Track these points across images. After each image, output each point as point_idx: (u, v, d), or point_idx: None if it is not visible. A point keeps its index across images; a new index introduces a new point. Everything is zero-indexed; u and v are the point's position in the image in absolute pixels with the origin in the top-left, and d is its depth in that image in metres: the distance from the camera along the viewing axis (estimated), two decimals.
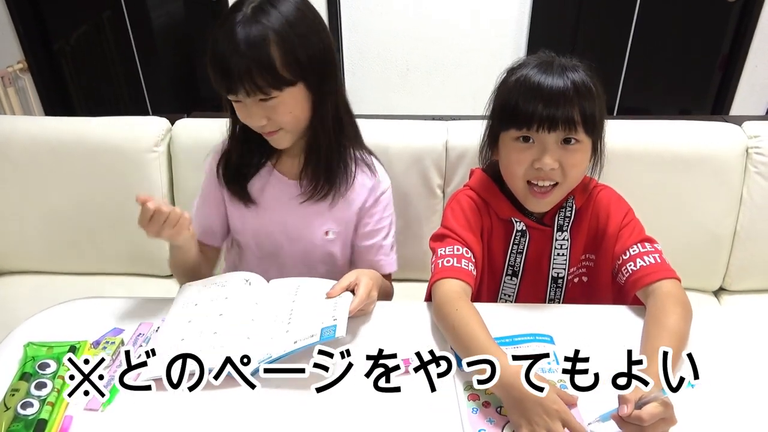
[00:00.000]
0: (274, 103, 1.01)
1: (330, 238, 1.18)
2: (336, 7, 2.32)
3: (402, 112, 2.53)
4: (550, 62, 0.99)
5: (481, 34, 2.36)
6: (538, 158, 0.98)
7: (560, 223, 1.09)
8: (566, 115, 0.95)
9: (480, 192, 1.12)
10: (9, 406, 0.82)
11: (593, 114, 0.98)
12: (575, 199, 1.09)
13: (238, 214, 1.19)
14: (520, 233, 1.09)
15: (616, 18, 2.39)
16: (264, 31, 0.96)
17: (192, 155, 1.46)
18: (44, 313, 1.04)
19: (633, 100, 2.56)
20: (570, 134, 0.97)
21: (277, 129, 1.06)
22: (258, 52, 0.96)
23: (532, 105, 0.96)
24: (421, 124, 1.51)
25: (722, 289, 1.58)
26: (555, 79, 0.96)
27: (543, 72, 0.97)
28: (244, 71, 0.96)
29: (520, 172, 1.01)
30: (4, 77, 2.48)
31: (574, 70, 0.98)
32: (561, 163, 0.99)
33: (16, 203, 1.57)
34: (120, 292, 1.56)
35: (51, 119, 1.58)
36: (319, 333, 0.89)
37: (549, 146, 0.98)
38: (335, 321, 0.91)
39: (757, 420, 0.82)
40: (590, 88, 0.98)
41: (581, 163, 1.01)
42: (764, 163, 1.42)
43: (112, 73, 2.74)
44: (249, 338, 0.93)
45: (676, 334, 0.90)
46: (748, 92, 2.42)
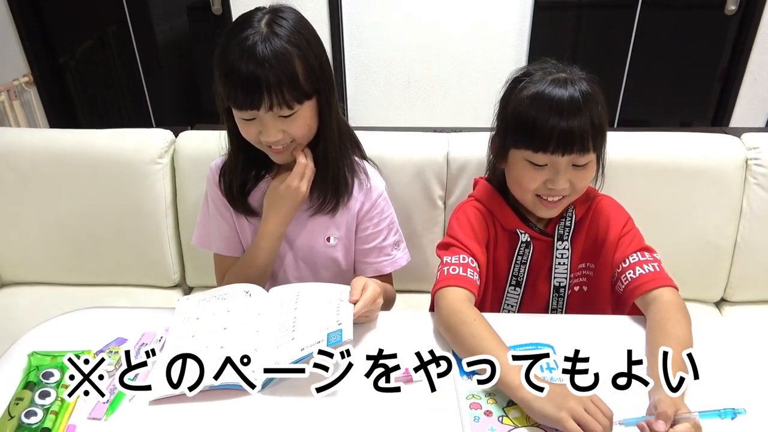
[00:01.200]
0: (293, 117, 1.02)
1: (332, 244, 1.19)
2: (338, 20, 2.34)
3: (403, 124, 2.55)
4: (560, 79, 0.99)
5: (482, 47, 2.38)
6: (551, 179, 1.00)
7: (560, 233, 1.10)
8: (581, 127, 0.96)
9: (485, 203, 1.13)
10: (13, 415, 0.82)
11: (601, 122, 0.99)
12: (575, 210, 1.10)
13: (243, 227, 1.20)
14: (525, 244, 1.10)
15: (616, 31, 2.41)
16: (286, 45, 0.97)
17: (196, 167, 1.48)
18: (48, 323, 1.05)
19: (633, 113, 2.58)
20: (581, 156, 0.99)
21: (289, 144, 1.06)
22: (285, 66, 0.97)
23: (550, 121, 0.96)
24: (423, 136, 1.52)
25: (724, 300, 1.58)
26: (567, 92, 0.97)
27: (557, 86, 0.97)
28: (274, 85, 0.96)
29: (532, 188, 1.03)
30: (10, 90, 2.50)
31: (580, 81, 0.99)
32: (571, 182, 1.01)
33: (21, 214, 1.58)
34: (123, 303, 1.57)
35: (55, 131, 1.59)
36: (326, 338, 0.89)
37: (561, 169, 0.99)
38: (340, 325, 0.91)
39: (760, 430, 0.82)
40: (596, 97, 0.99)
41: (589, 178, 1.04)
42: (764, 175, 1.43)
43: (116, 86, 2.76)
44: (257, 350, 0.93)
45: (684, 343, 0.90)
46: (748, 104, 2.43)
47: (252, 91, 0.97)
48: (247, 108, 1.00)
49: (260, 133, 1.03)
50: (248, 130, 1.04)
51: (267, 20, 0.99)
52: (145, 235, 1.57)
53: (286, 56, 0.97)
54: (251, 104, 0.99)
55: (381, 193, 1.20)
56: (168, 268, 1.61)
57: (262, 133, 1.03)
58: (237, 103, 1.00)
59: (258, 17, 1.00)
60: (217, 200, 1.20)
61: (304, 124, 1.04)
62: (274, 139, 1.03)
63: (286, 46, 0.97)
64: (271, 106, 0.99)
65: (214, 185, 1.19)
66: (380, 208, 1.20)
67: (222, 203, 1.19)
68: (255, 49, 0.96)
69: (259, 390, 0.88)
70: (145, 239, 1.57)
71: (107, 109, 2.84)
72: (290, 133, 1.04)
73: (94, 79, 2.75)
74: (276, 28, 0.98)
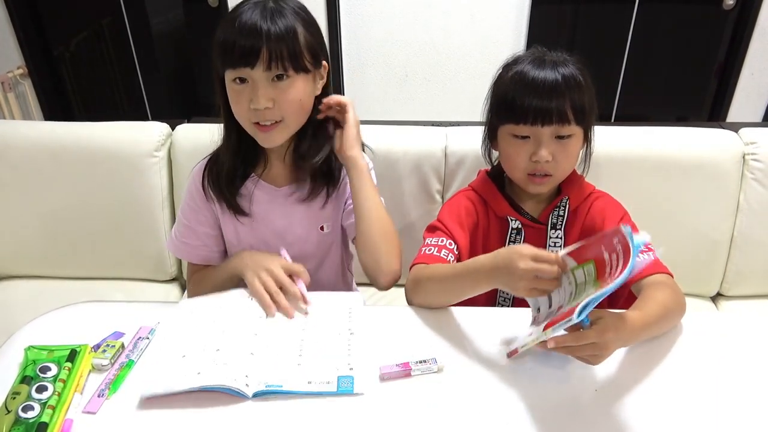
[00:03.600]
0: (285, 85, 1.01)
1: (326, 232, 1.20)
2: (335, 14, 2.34)
3: (401, 118, 2.54)
4: (542, 58, 1.05)
5: (480, 41, 2.38)
6: (535, 151, 1.04)
7: (554, 222, 1.13)
8: (559, 107, 1.02)
9: (480, 192, 1.18)
10: (10, 409, 0.82)
11: (583, 105, 1.04)
12: (570, 200, 1.13)
13: (231, 228, 1.18)
14: (516, 231, 1.14)
15: (613, 25, 2.41)
16: (292, 11, 1.00)
17: (192, 160, 1.44)
18: (45, 317, 1.04)
19: (630, 108, 2.58)
20: (563, 127, 1.03)
21: (278, 120, 1.04)
22: (288, 26, 0.98)
23: (527, 99, 1.02)
24: (421, 130, 1.51)
25: (720, 295, 1.59)
26: (547, 74, 1.02)
27: (537, 67, 1.04)
28: (274, 40, 0.97)
29: (520, 164, 1.08)
30: (4, 82, 2.48)
31: (565, 64, 1.04)
32: (555, 155, 1.05)
33: (16, 208, 1.57)
34: (120, 297, 1.56)
35: (51, 124, 1.58)
36: (336, 383, 0.87)
37: (544, 140, 1.04)
38: (351, 371, 0.89)
39: (755, 424, 0.82)
40: (579, 80, 1.04)
41: (573, 153, 1.09)
42: (761, 170, 1.43)
43: (111, 78, 2.75)
44: (252, 354, 0.91)
45: (662, 304, 0.94)
46: (745, 99, 2.44)
47: (249, 44, 0.96)
48: (242, 64, 0.98)
49: (251, 102, 1.01)
50: (239, 98, 1.02)
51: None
52: (141, 228, 1.56)
53: (291, 17, 1.00)
54: (248, 57, 0.97)
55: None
56: (164, 261, 1.61)
57: (252, 100, 1.01)
58: (232, 59, 0.99)
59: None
60: (199, 200, 1.17)
61: (296, 97, 1.03)
62: (264, 106, 1.01)
63: (293, 11, 1.00)
64: (269, 64, 0.98)
65: (197, 184, 1.16)
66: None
67: (204, 204, 1.17)
68: (261, 7, 0.98)
69: (250, 397, 0.86)
70: (142, 233, 1.57)
71: (103, 101, 2.82)
72: (280, 104, 1.02)
73: (90, 71, 2.73)
74: (281, 3, 1.01)
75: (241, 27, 0.97)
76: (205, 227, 1.19)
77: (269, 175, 1.16)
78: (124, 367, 0.91)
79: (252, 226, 1.17)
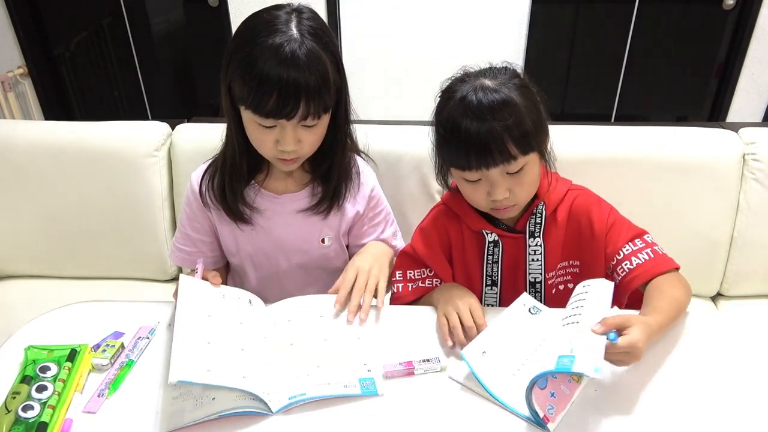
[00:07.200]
0: (314, 128, 1.01)
1: (327, 244, 1.18)
2: (336, 16, 2.34)
3: (401, 118, 2.54)
4: (472, 100, 0.95)
5: (480, 41, 2.38)
6: (490, 191, 0.99)
7: (531, 230, 1.08)
8: (500, 149, 0.94)
9: (452, 206, 1.13)
10: (10, 409, 0.82)
11: (525, 132, 0.95)
12: (545, 206, 1.08)
13: (230, 236, 1.17)
14: (493, 244, 1.10)
15: (613, 25, 2.41)
16: (321, 44, 0.96)
17: (192, 160, 1.46)
18: (45, 317, 1.05)
19: (630, 108, 2.58)
20: (510, 165, 0.96)
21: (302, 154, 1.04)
22: (322, 72, 0.95)
23: (464, 150, 0.96)
24: (421, 130, 1.51)
25: (720, 295, 1.59)
26: (480, 121, 0.94)
27: (467, 115, 0.95)
28: (312, 93, 0.94)
29: (480, 202, 1.03)
30: (4, 82, 2.48)
31: (496, 91, 0.95)
32: (511, 189, 0.99)
33: (16, 207, 1.57)
34: (119, 296, 1.55)
35: (50, 123, 1.58)
36: (359, 385, 0.88)
37: (496, 180, 0.98)
38: (369, 373, 0.90)
39: (755, 424, 0.82)
40: (514, 105, 0.94)
41: (531, 181, 1.01)
42: (761, 170, 1.43)
43: (111, 78, 2.75)
44: (268, 364, 0.90)
45: (675, 300, 0.97)
46: (745, 99, 2.44)
47: (287, 99, 0.93)
48: (275, 117, 0.96)
49: (277, 142, 1.00)
50: (263, 137, 1.01)
51: (296, 23, 0.96)
52: (141, 228, 1.56)
53: (323, 67, 0.95)
54: (285, 110, 0.94)
55: (372, 188, 1.19)
56: (164, 261, 1.61)
57: (280, 141, 1.00)
58: (265, 111, 0.95)
59: (284, 18, 0.96)
60: (195, 207, 1.16)
61: (320, 135, 1.04)
62: (289, 148, 1.00)
63: (323, 52, 0.95)
64: (306, 116, 0.96)
65: (193, 190, 1.15)
66: (375, 202, 1.20)
67: (200, 211, 1.16)
68: (294, 57, 0.92)
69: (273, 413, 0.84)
70: (142, 232, 1.57)
71: (103, 101, 2.82)
72: (304, 143, 1.02)
73: (90, 70, 2.73)
74: (312, 36, 0.95)
75: (279, 79, 0.92)
76: (200, 234, 1.19)
77: (270, 184, 1.15)
78: (123, 367, 0.92)
79: (252, 233, 1.16)
